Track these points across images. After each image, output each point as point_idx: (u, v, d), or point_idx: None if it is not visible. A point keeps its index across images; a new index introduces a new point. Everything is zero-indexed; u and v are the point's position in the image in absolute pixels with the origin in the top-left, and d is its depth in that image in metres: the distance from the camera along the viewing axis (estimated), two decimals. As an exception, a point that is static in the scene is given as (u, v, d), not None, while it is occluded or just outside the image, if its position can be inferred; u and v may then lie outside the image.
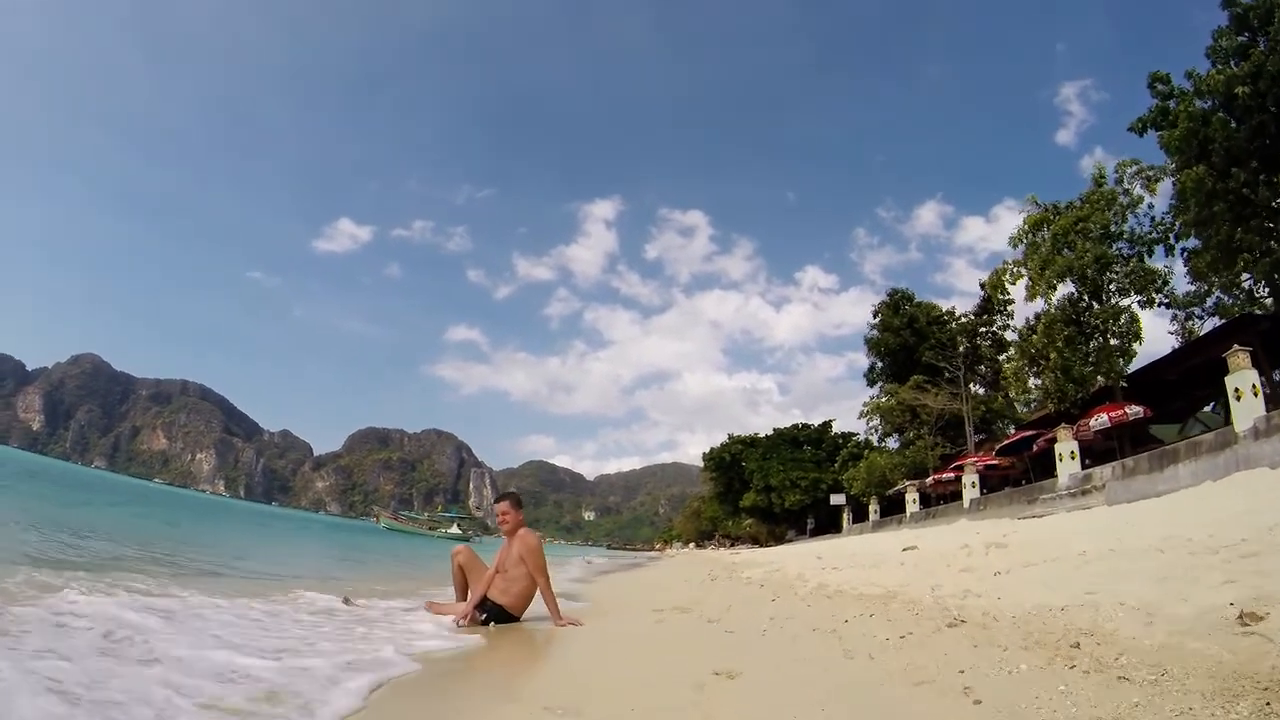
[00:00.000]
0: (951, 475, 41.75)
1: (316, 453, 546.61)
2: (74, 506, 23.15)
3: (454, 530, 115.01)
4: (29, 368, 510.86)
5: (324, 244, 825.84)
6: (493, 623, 6.93)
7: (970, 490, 35.56)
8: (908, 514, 44.56)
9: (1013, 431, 43.03)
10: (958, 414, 49.47)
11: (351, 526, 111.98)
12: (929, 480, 45.06)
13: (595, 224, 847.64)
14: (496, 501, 7.75)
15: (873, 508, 53.43)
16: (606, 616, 7.64)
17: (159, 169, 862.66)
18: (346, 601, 7.60)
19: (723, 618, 6.24)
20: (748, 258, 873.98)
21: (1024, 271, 33.49)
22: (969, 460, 38.25)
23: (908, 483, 46.86)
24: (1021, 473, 37.97)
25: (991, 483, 38.62)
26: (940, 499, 45.34)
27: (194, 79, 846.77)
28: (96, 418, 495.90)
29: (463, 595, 7.69)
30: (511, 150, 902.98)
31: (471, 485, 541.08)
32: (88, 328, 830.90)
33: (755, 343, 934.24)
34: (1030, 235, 32.91)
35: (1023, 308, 43.09)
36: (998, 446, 38.77)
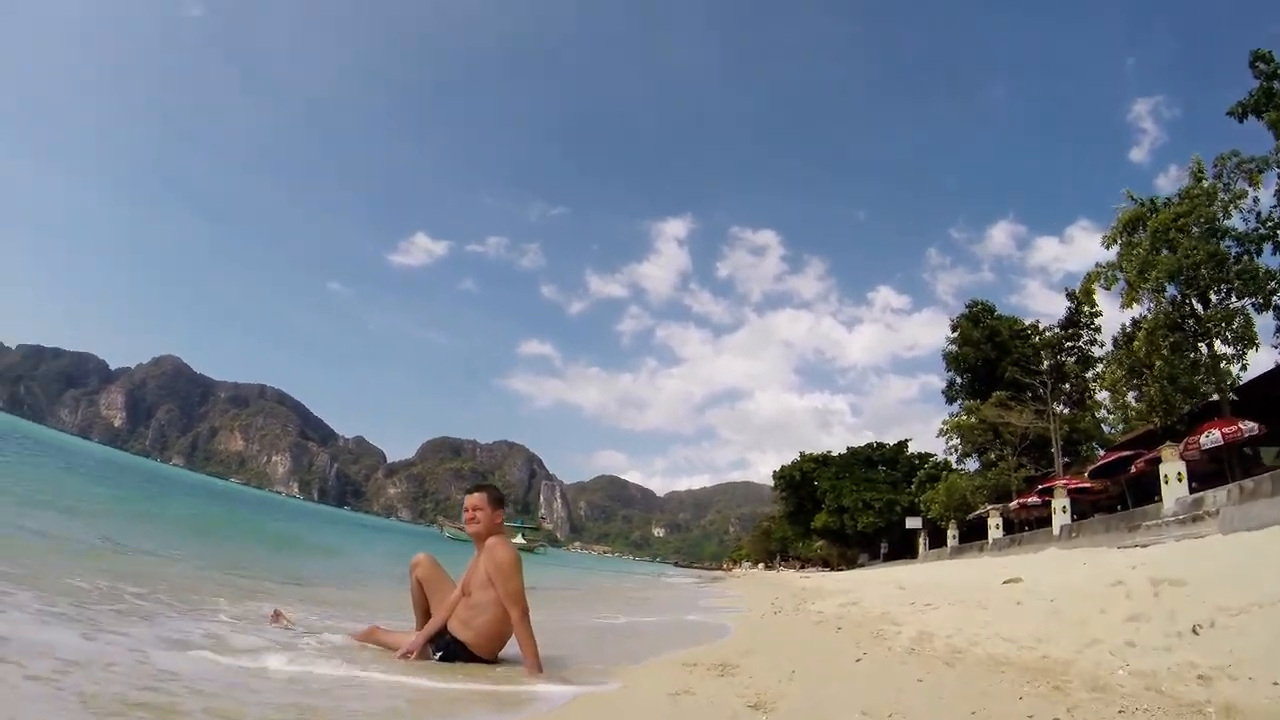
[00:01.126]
0: (1038, 500, 39.14)
1: (390, 460, 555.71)
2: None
3: (519, 540, 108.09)
4: (112, 367, 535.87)
5: (400, 258, 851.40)
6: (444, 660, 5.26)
7: (1060, 515, 32.94)
8: (990, 540, 41.87)
9: (1102, 453, 40.28)
10: (1043, 433, 46.70)
11: (417, 533, 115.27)
12: (1013, 504, 42.36)
13: (667, 242, 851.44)
14: (468, 493, 5.64)
15: (951, 533, 50.69)
16: (614, 675, 5.33)
17: (247, 184, 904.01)
18: (276, 617, 6.21)
19: (778, 702, 3.93)
20: (819, 277, 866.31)
21: (1119, 275, 30.95)
22: (1058, 483, 35.64)
23: (990, 507, 44.14)
24: (1116, 497, 35.24)
25: (1082, 508, 35.85)
26: (1025, 525, 42.63)
27: (281, 100, 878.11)
28: (176, 417, 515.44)
29: (424, 619, 5.77)
30: (584, 169, 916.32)
31: (542, 497, 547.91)
32: (170, 331, 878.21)
33: (827, 363, 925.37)
34: (1126, 234, 30.35)
35: (1112, 318, 40.23)
36: (1090, 468, 36.03)
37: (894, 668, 4.93)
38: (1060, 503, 33.28)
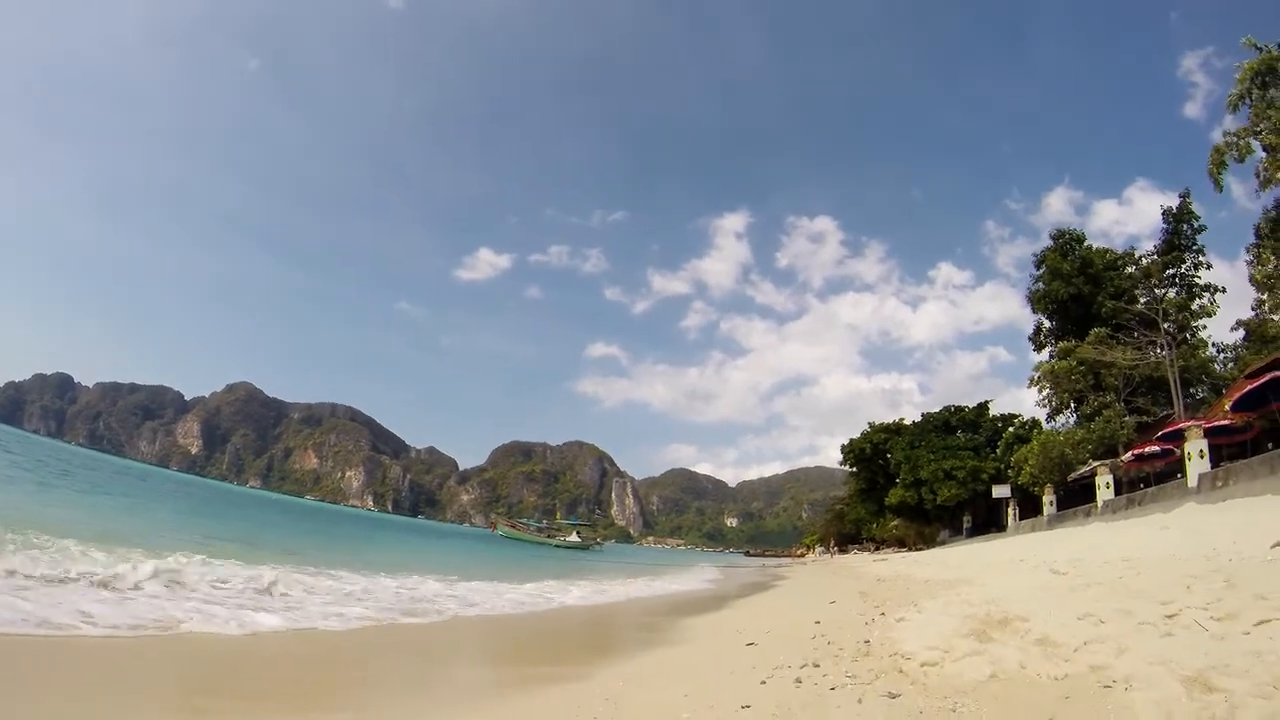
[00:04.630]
0: (1157, 448, 32.15)
1: (462, 467, 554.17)
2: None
3: (573, 539, 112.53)
4: (187, 397, 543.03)
5: (466, 274, 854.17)
6: None
7: (1198, 462, 25.91)
8: (1099, 503, 34.80)
9: (1229, 389, 32.99)
10: (1151, 375, 39.63)
11: (467, 534, 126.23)
12: (1126, 458, 35.33)
13: (726, 237, 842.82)
14: None
15: (1047, 499, 43.49)
16: None
17: (306, 216, 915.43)
18: None
19: None
20: (880, 259, 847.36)
21: (1254, 141, 23.93)
22: (1186, 424, 28.61)
23: (1097, 463, 36.97)
24: (1262, 435, 28.10)
25: (1223, 452, 28.68)
26: (1140, 482, 35.54)
27: (331, 128, 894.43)
28: (251, 441, 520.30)
29: None
30: (639, 173, 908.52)
31: (614, 495, 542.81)
32: (242, 360, 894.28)
33: (893, 343, 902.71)
34: (1256, 88, 23.31)
35: (1230, 220, 33.08)
36: (1232, 400, 28.60)
37: None
38: (1196, 446, 26.28)
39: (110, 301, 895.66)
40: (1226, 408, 28.58)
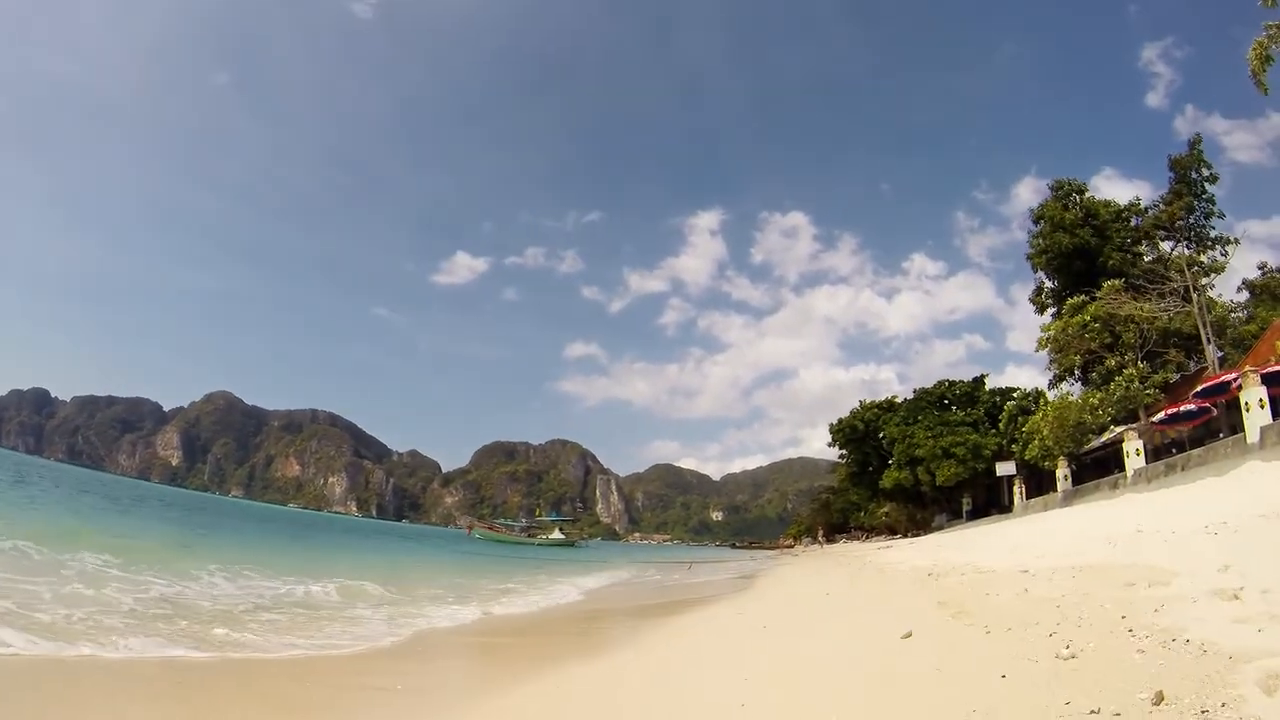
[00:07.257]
0: (1193, 407, 28.73)
1: (445, 470, 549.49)
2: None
3: (556, 535, 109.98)
4: (165, 408, 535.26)
5: (443, 278, 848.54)
6: None
7: (1258, 414, 22.31)
8: (1129, 473, 31.17)
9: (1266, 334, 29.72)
10: (1168, 329, 36.37)
11: (440, 534, 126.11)
12: (1158, 417, 31.88)
13: (700, 235, 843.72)
14: None
15: (1061, 473, 39.80)
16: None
17: (281, 226, 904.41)
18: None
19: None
20: (853, 252, 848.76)
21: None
22: (1230, 374, 25.17)
23: (1122, 429, 33.45)
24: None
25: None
26: (1172, 448, 32.05)
27: (303, 138, 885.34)
28: (231, 450, 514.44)
29: None
30: (612, 174, 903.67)
31: (598, 492, 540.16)
32: (220, 369, 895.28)
33: (870, 334, 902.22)
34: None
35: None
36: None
37: None
38: (1254, 394, 22.71)
39: (84, 315, 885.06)
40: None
